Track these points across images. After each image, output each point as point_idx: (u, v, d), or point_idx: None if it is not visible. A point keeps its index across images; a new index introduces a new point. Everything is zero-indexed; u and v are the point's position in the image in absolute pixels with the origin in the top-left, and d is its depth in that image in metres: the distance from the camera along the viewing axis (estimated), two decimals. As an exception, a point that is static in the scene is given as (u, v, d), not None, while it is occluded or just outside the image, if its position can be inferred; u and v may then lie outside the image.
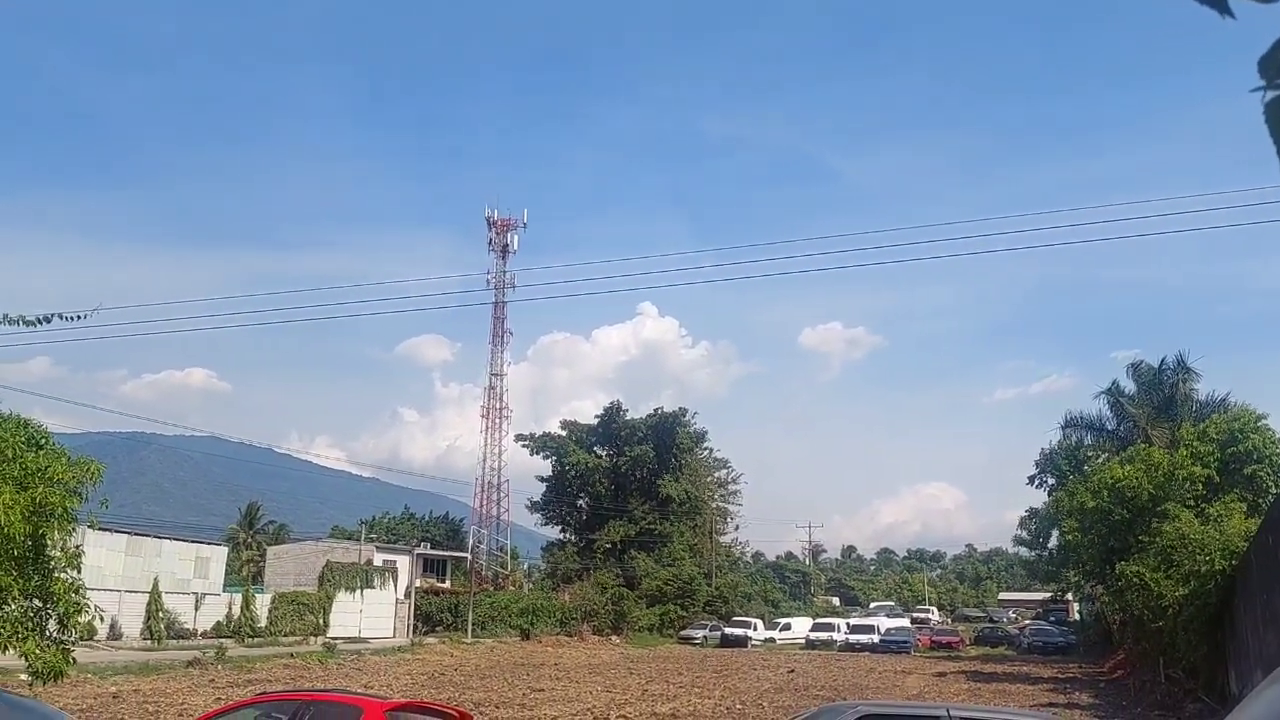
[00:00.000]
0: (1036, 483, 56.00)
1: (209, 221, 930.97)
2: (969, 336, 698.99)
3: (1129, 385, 49.34)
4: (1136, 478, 35.04)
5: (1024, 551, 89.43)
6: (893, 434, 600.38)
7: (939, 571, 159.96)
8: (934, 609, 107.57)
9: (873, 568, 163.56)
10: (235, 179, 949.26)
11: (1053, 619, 76.42)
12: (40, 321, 13.79)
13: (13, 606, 12.21)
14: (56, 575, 12.47)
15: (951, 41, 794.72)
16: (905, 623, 76.11)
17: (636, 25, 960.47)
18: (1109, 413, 50.18)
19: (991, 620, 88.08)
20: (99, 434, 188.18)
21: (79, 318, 14.57)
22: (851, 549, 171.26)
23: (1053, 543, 55.05)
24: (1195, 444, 36.55)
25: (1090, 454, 50.54)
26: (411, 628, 54.78)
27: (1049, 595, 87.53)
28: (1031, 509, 58.94)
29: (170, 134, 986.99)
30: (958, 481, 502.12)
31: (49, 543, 12.27)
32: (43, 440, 13.40)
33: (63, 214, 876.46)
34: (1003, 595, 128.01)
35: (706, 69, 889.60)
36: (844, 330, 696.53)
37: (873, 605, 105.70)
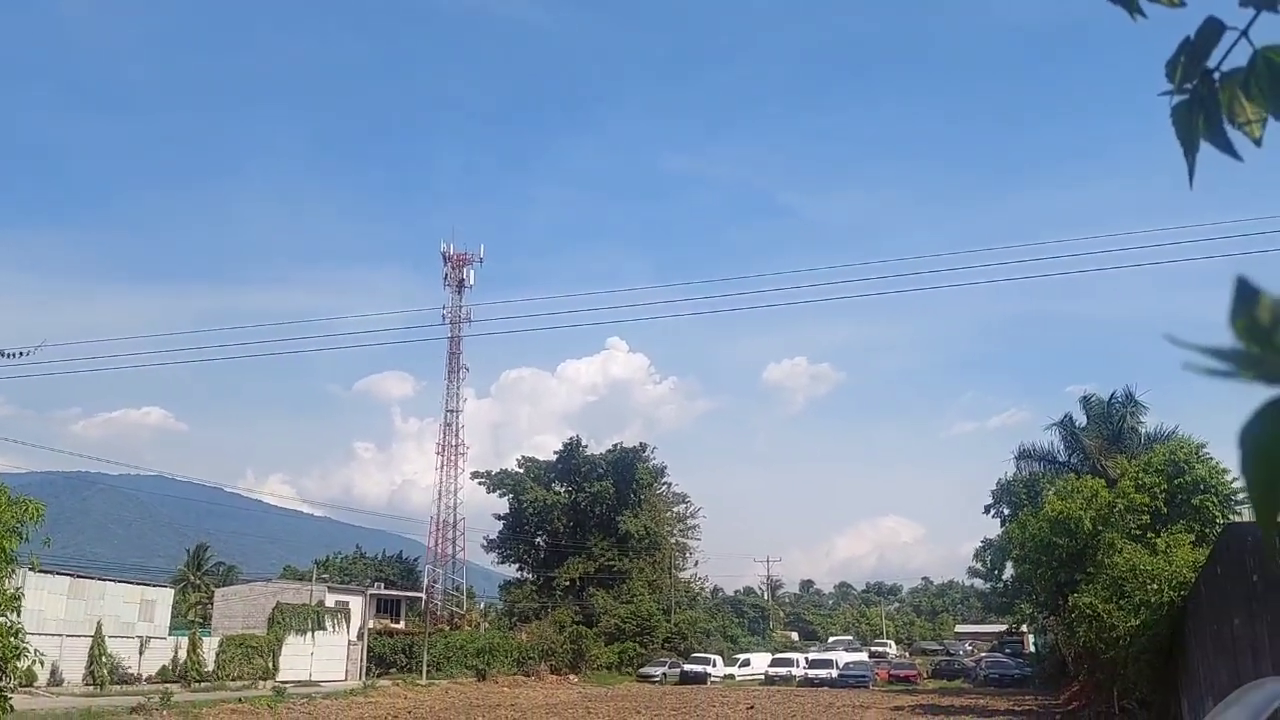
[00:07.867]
0: (992, 513, 56.51)
1: (163, 259, 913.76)
2: (930, 371, 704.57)
3: (1081, 418, 50.29)
4: (1077, 510, 34.99)
5: (979, 583, 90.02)
6: (853, 469, 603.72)
7: (896, 605, 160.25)
8: (892, 642, 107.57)
9: (831, 601, 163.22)
10: (191, 218, 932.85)
11: (1008, 651, 76.84)
12: (-19, 357, 13.53)
13: (-53, 652, 11.78)
14: (-6, 619, 12.09)
15: (914, 76, 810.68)
16: (864, 657, 76.18)
17: (595, 64, 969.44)
18: (1061, 445, 51.06)
19: (948, 653, 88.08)
20: (42, 474, 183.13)
21: (22, 354, 14.33)
22: (810, 583, 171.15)
23: (1007, 574, 55.14)
24: (1140, 475, 36.86)
25: (1045, 485, 51.13)
26: (364, 670, 53.71)
27: (1004, 627, 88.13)
28: (986, 540, 59.54)
29: (125, 173, 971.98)
30: (916, 515, 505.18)
31: (-13, 585, 11.89)
32: (-19, 479, 13.01)
33: (8, 250, 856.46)
34: (959, 628, 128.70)
35: (665, 106, 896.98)
36: (809, 366, 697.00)
37: (831, 639, 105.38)
